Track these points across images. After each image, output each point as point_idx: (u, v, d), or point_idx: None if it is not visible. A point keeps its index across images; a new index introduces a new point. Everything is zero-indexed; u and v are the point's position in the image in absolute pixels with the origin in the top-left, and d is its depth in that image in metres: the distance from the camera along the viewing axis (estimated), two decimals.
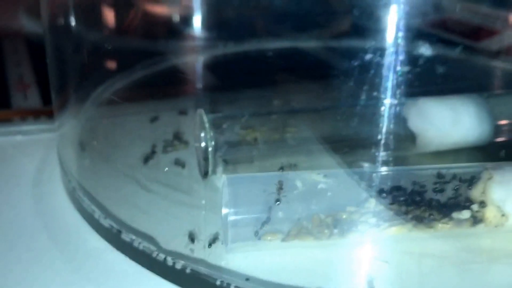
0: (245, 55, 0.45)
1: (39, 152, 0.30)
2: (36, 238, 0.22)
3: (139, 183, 0.24)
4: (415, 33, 0.54)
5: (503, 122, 0.28)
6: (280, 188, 0.20)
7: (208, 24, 0.46)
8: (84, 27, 0.33)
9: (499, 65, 0.45)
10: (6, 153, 0.30)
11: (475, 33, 0.54)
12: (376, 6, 0.43)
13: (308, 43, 0.48)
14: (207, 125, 0.24)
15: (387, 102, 0.27)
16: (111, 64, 0.37)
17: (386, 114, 0.27)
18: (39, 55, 0.43)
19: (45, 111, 0.34)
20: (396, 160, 0.26)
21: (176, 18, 0.47)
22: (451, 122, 0.27)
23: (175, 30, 0.45)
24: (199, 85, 0.38)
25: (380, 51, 0.41)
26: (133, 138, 0.29)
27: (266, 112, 0.27)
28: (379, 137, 0.26)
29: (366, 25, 0.51)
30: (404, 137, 0.27)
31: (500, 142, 0.28)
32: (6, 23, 0.54)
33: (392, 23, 0.38)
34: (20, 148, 0.30)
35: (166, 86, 0.37)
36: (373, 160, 0.26)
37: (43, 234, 0.23)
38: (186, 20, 0.46)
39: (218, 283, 0.19)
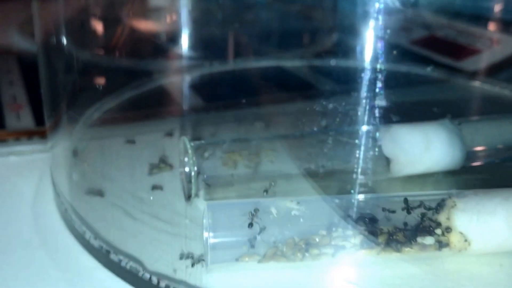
0: (230, 74, 0.46)
1: (33, 173, 0.31)
2: (31, 255, 0.24)
3: (125, 210, 0.25)
4: (399, 51, 0.56)
5: (474, 148, 0.30)
6: (254, 214, 0.21)
7: (193, 43, 0.47)
8: (74, 47, 0.34)
9: (475, 85, 0.46)
10: (1, 174, 0.31)
11: (457, 52, 0.55)
12: (358, 25, 0.45)
13: (292, 62, 0.49)
14: (190, 151, 0.26)
15: (364, 128, 0.29)
16: (101, 84, 0.39)
17: (361, 140, 0.28)
18: (31, 75, 0.44)
19: (38, 132, 0.35)
20: (371, 184, 0.27)
21: (162, 37, 0.48)
22: (423, 148, 0.28)
23: (161, 49, 0.46)
24: (184, 105, 0.39)
25: (360, 72, 0.42)
26: (120, 161, 0.30)
27: (246, 138, 0.28)
28: (354, 162, 0.27)
29: (348, 44, 0.52)
30: (378, 162, 0.28)
31: (471, 168, 0.30)
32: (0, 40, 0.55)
33: (371, 43, 0.40)
34: (14, 169, 0.31)
35: (152, 107, 0.39)
36: (348, 184, 0.27)
37: (38, 252, 0.24)
38: (172, 39, 0.48)
39: None
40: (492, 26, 0.55)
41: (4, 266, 0.23)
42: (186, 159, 0.26)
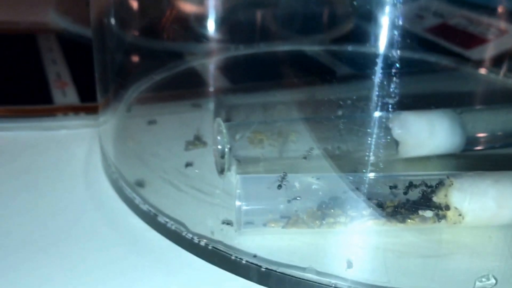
0: (254, 57, 0.50)
1: (83, 145, 0.34)
2: (87, 218, 0.28)
3: (168, 180, 0.29)
4: (412, 38, 0.59)
5: (473, 135, 0.34)
6: (284, 177, 0.25)
7: (221, 27, 0.50)
8: (122, 30, 0.38)
9: (481, 74, 0.49)
10: (55, 147, 0.34)
11: (467, 40, 0.57)
12: (374, 10, 0.48)
13: (312, 47, 0.52)
14: (224, 130, 0.30)
15: (376, 114, 0.33)
16: (143, 65, 0.42)
17: (374, 125, 0.32)
18: (72, 53, 0.48)
19: (84, 107, 0.38)
20: (381, 164, 0.31)
21: (193, 20, 0.51)
22: (428, 133, 0.32)
23: (192, 32, 0.50)
24: (214, 87, 0.43)
25: (374, 58, 0.46)
26: (160, 136, 0.34)
27: (271, 120, 0.32)
28: (366, 144, 0.31)
29: (365, 30, 0.55)
30: (388, 145, 0.32)
31: (470, 151, 0.34)
32: (38, 19, 0.58)
33: (388, 28, 0.43)
34: (66, 142, 0.35)
35: (185, 88, 0.42)
36: (362, 164, 0.31)
37: (93, 214, 0.28)
38: (201, 22, 0.51)
39: (233, 258, 0.24)
40: (501, 16, 0.58)
41: (65, 228, 0.27)
42: (219, 137, 0.30)
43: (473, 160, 0.33)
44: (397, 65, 0.43)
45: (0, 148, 0.34)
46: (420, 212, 0.26)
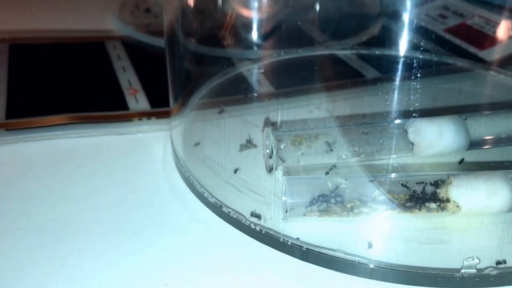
0: (293, 63, 0.57)
1: (158, 147, 0.41)
2: (166, 208, 0.35)
3: (226, 179, 0.37)
4: (433, 39, 0.65)
5: (476, 137, 0.41)
6: (333, 168, 0.34)
7: (265, 35, 0.58)
8: (188, 38, 0.44)
9: (492, 75, 0.55)
10: (135, 148, 0.41)
11: (482, 41, 0.63)
12: (399, 12, 0.55)
13: (343, 52, 0.59)
14: (271, 137, 0.37)
15: (396, 121, 0.40)
16: (206, 71, 0.49)
17: (394, 130, 0.39)
18: (138, 60, 0.56)
19: (154, 113, 0.44)
20: (398, 164, 0.39)
21: (240, 28, 0.58)
22: (437, 136, 0.39)
23: (239, 39, 0.57)
24: (259, 92, 0.51)
25: (397, 61, 0.53)
26: (219, 138, 0.42)
27: (308, 128, 0.40)
28: (390, 145, 0.39)
29: (391, 33, 0.62)
30: (405, 146, 0.40)
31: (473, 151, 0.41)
32: (103, 26, 0.63)
33: (410, 31, 0.50)
34: (143, 144, 0.41)
35: (235, 93, 0.49)
36: (383, 163, 0.39)
37: (171, 205, 0.35)
38: (249, 32, 0.58)
39: (281, 240, 0.32)
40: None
41: (150, 215, 0.34)
42: (267, 142, 0.38)
43: (470, 164, 0.40)
44: (417, 66, 0.51)
45: (87, 152, 0.40)
46: (426, 204, 0.34)
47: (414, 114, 0.41)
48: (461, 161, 0.38)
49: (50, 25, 0.63)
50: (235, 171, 0.37)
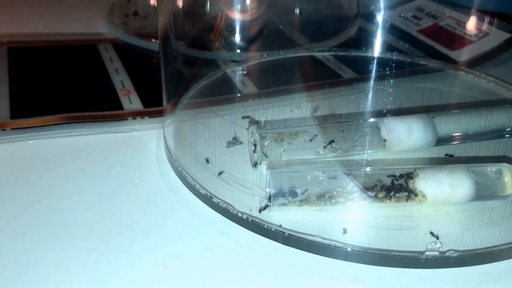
0: (275, 64, 0.60)
1: (151, 144, 0.44)
2: (161, 199, 0.39)
3: (217, 171, 0.41)
4: (407, 40, 0.69)
5: (443, 134, 0.45)
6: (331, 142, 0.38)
7: (249, 38, 0.61)
8: (179, 41, 0.47)
9: (462, 75, 0.59)
10: (130, 146, 0.44)
11: (453, 42, 0.66)
12: (375, 13, 0.59)
13: (322, 53, 0.63)
14: (256, 134, 0.41)
15: (370, 120, 0.44)
16: (195, 72, 0.52)
17: (368, 129, 0.43)
18: (129, 62, 0.59)
19: (147, 112, 0.47)
20: (373, 157, 0.43)
21: (227, 33, 0.62)
22: (406, 134, 0.43)
23: (225, 42, 0.61)
24: (243, 92, 0.54)
25: (372, 62, 0.57)
26: (207, 135, 0.46)
27: (290, 126, 0.43)
28: (364, 142, 0.43)
29: (367, 34, 0.66)
30: (378, 142, 0.43)
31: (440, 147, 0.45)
32: (94, 29, 0.66)
33: (384, 32, 0.54)
34: (138, 141, 0.44)
35: (221, 93, 0.53)
36: (358, 157, 0.42)
37: (165, 197, 0.39)
38: (233, 35, 0.62)
39: (265, 226, 0.36)
40: (484, 18, 0.63)
41: (146, 205, 0.37)
42: (252, 139, 0.42)
43: (436, 159, 0.44)
44: (390, 67, 0.55)
45: (83, 149, 0.43)
46: (396, 194, 0.38)
47: (386, 113, 0.45)
48: (450, 156, 0.42)
49: (45, 29, 0.66)
50: (220, 173, 0.40)
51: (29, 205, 0.37)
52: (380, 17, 0.68)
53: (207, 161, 0.40)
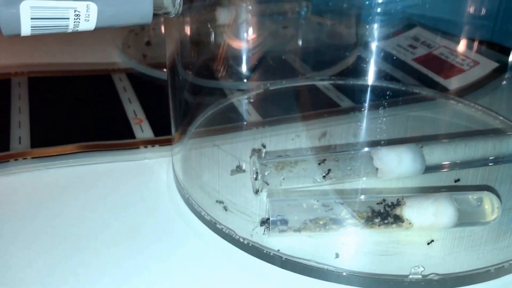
0: (279, 93, 0.64)
1: (161, 171, 0.47)
2: (170, 223, 0.42)
3: (219, 199, 0.44)
4: (402, 68, 0.72)
5: (430, 163, 0.48)
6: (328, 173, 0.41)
7: (253, 68, 0.65)
8: (186, 71, 0.51)
9: (453, 103, 0.62)
10: (141, 173, 0.47)
11: (446, 70, 0.67)
12: (371, 43, 0.62)
13: (322, 82, 0.66)
14: (257, 163, 0.45)
15: (365, 149, 0.48)
16: (201, 102, 0.56)
17: (362, 157, 0.47)
18: (141, 91, 0.63)
19: (157, 140, 0.50)
20: (366, 184, 0.46)
21: (234, 63, 0.65)
22: (396, 163, 0.46)
23: (231, 71, 0.64)
24: (248, 120, 0.58)
25: (368, 90, 0.61)
26: (213, 164, 0.50)
27: (288, 156, 0.47)
28: (358, 170, 0.46)
29: (364, 62, 0.69)
30: (371, 170, 0.47)
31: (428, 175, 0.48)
32: (109, 59, 0.70)
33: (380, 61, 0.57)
34: (149, 168, 0.47)
35: (227, 122, 0.57)
36: (353, 183, 0.46)
37: (174, 221, 0.42)
38: (239, 65, 0.65)
39: (264, 251, 0.40)
40: (474, 47, 0.67)
41: (155, 228, 0.41)
42: (254, 168, 0.45)
43: (421, 187, 0.47)
44: (385, 98, 0.58)
45: (98, 177, 0.46)
46: (385, 221, 0.41)
47: (379, 143, 0.48)
48: (457, 180, 0.45)
49: (63, 59, 0.70)
50: (220, 202, 0.44)
51: (49, 229, 0.41)
52: (377, 46, 0.72)
53: (222, 205, 0.43)
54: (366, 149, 0.46)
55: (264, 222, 0.39)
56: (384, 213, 0.40)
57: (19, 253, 0.39)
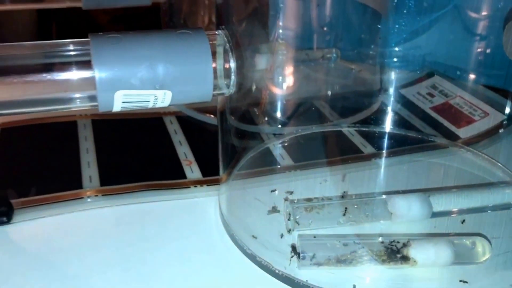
0: (308, 138, 0.72)
1: (210, 209, 0.53)
2: (216, 257, 0.49)
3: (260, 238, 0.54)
4: (420, 117, 0.81)
5: (436, 210, 0.57)
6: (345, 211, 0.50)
7: (287, 114, 0.74)
8: (231, 118, 0.58)
9: (463, 153, 0.71)
10: (192, 211, 0.52)
11: (460, 120, 0.74)
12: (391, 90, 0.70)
13: (348, 128, 0.74)
14: (290, 206, 0.54)
15: (382, 197, 0.57)
16: (243, 145, 0.64)
17: (378, 203, 0.56)
18: (190, 134, 0.72)
19: (205, 181, 0.56)
20: (381, 226, 0.55)
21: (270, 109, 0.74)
22: (407, 209, 0.56)
23: (269, 118, 0.73)
24: (281, 165, 0.67)
25: (384, 137, 0.69)
26: (252, 205, 0.59)
27: (317, 200, 0.57)
28: (374, 214, 0.55)
29: (385, 109, 0.77)
30: (386, 214, 0.56)
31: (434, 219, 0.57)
32: None
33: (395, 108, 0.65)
34: (198, 207, 0.53)
35: (263, 165, 0.66)
36: (369, 228, 0.55)
37: (222, 254, 0.51)
38: (274, 110, 0.74)
39: (295, 281, 0.49)
40: (484, 98, 0.73)
41: (205, 263, 0.46)
42: (287, 209, 0.55)
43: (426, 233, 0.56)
44: (404, 145, 0.67)
45: (158, 213, 0.52)
46: (394, 259, 0.50)
47: (394, 192, 0.57)
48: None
49: None
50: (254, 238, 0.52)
51: (118, 261, 0.50)
52: (399, 93, 0.80)
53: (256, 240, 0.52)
54: (383, 196, 0.55)
55: (295, 253, 0.48)
56: (395, 252, 0.49)
57: (96, 276, 0.48)
